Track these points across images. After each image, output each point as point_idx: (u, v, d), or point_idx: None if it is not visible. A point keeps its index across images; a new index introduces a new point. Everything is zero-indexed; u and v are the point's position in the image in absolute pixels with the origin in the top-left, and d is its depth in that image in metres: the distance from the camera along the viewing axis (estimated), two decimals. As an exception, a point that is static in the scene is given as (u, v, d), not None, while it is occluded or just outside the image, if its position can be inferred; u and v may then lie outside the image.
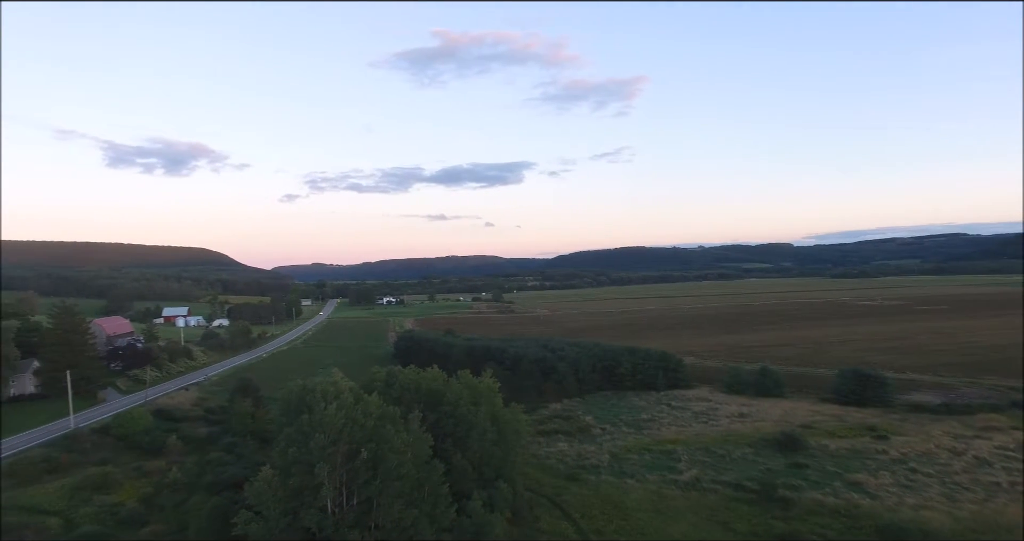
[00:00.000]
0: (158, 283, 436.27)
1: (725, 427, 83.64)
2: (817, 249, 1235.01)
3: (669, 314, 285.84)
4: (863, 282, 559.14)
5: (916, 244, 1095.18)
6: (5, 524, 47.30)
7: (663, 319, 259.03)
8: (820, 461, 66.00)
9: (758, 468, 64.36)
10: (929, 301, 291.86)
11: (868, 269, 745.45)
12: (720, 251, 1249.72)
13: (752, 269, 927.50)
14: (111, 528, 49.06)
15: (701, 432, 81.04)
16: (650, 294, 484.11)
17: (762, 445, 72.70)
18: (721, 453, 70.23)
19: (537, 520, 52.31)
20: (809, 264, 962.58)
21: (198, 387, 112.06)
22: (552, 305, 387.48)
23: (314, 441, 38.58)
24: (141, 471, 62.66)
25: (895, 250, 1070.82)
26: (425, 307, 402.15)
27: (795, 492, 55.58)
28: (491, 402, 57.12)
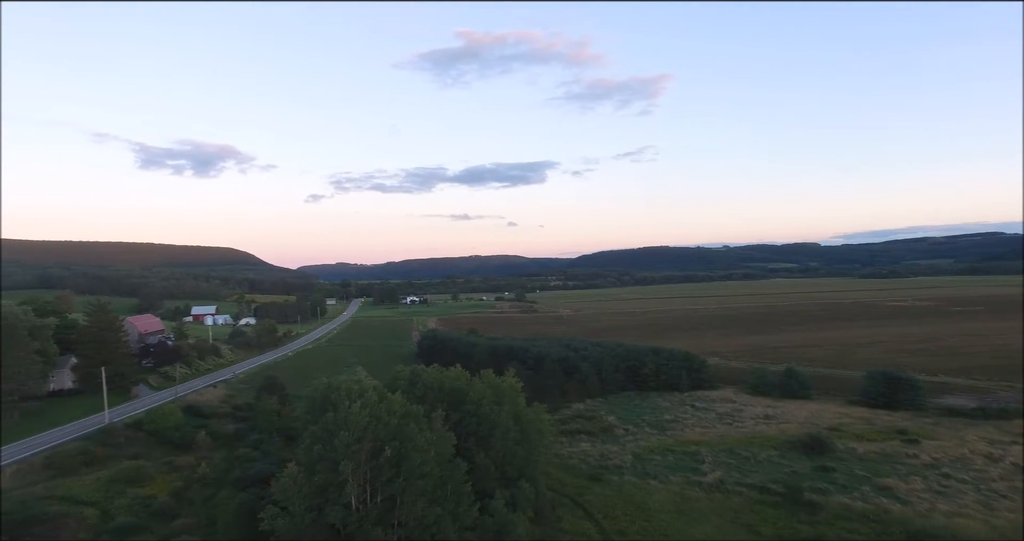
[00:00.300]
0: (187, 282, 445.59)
1: (750, 429, 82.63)
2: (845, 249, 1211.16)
3: (693, 314, 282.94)
4: (893, 282, 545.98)
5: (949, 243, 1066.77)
6: (47, 513, 48.94)
7: (687, 319, 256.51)
8: (848, 465, 64.81)
9: (783, 471, 63.46)
10: (963, 302, 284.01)
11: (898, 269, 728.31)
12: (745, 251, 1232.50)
13: (778, 269, 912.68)
14: (144, 520, 50.50)
15: (725, 433, 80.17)
16: (674, 294, 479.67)
17: (787, 447, 71.68)
18: (746, 455, 69.39)
19: (559, 520, 52.30)
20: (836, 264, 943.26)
21: (226, 384, 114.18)
22: (575, 305, 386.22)
23: (339, 439, 39.11)
24: (172, 466, 64.28)
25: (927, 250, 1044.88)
26: (448, 306, 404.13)
27: (822, 496, 54.71)
28: (514, 401, 57.28)
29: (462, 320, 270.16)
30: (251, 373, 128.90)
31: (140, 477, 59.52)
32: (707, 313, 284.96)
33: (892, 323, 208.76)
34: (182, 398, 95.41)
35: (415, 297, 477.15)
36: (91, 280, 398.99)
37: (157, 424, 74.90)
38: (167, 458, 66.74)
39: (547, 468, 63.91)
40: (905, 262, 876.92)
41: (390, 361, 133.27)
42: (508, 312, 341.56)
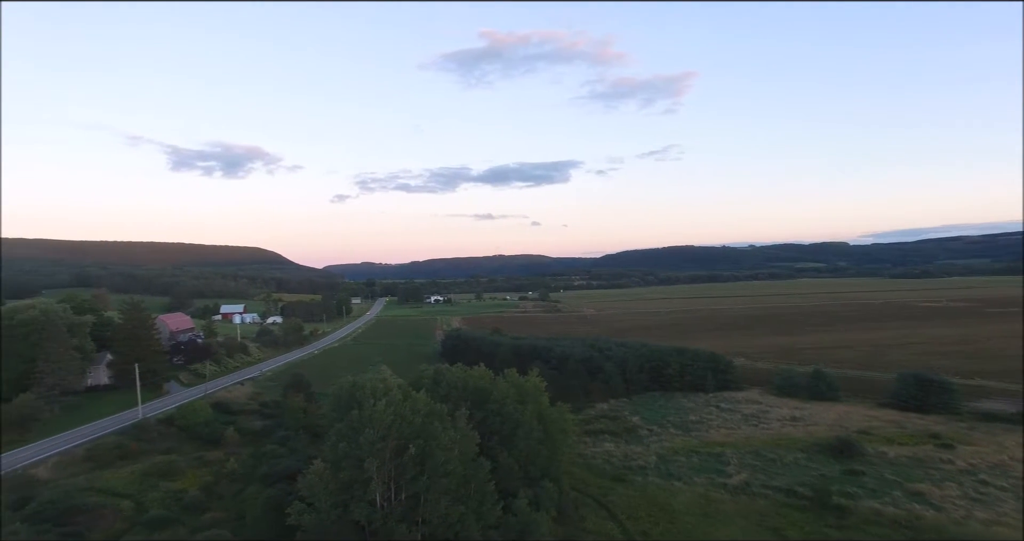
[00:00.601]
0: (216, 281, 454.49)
1: (776, 430, 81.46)
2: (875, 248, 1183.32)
3: (718, 314, 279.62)
4: (926, 282, 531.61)
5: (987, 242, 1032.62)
6: (87, 504, 50.64)
7: (712, 319, 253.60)
8: (878, 469, 63.53)
9: (811, 474, 62.45)
10: (1000, 303, 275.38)
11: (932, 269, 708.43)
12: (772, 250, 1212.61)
13: (805, 269, 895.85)
14: (176, 513, 51.91)
15: (751, 435, 79.18)
16: (699, 294, 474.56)
17: (815, 450, 70.52)
18: (772, 457, 68.45)
19: (583, 520, 52.25)
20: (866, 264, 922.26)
21: (253, 382, 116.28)
22: (599, 304, 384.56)
23: (364, 436, 39.63)
24: (202, 461, 65.90)
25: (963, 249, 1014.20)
26: (472, 306, 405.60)
27: (851, 500, 53.78)
28: (537, 401, 57.38)
29: (486, 319, 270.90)
30: (278, 371, 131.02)
31: (172, 471, 61.25)
32: (733, 313, 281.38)
33: (925, 324, 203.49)
34: (211, 395, 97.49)
35: (439, 296, 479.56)
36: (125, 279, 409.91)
37: (188, 420, 76.74)
38: (197, 453, 68.43)
39: (570, 468, 63.91)
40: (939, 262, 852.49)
41: (414, 360, 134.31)
42: (532, 312, 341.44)
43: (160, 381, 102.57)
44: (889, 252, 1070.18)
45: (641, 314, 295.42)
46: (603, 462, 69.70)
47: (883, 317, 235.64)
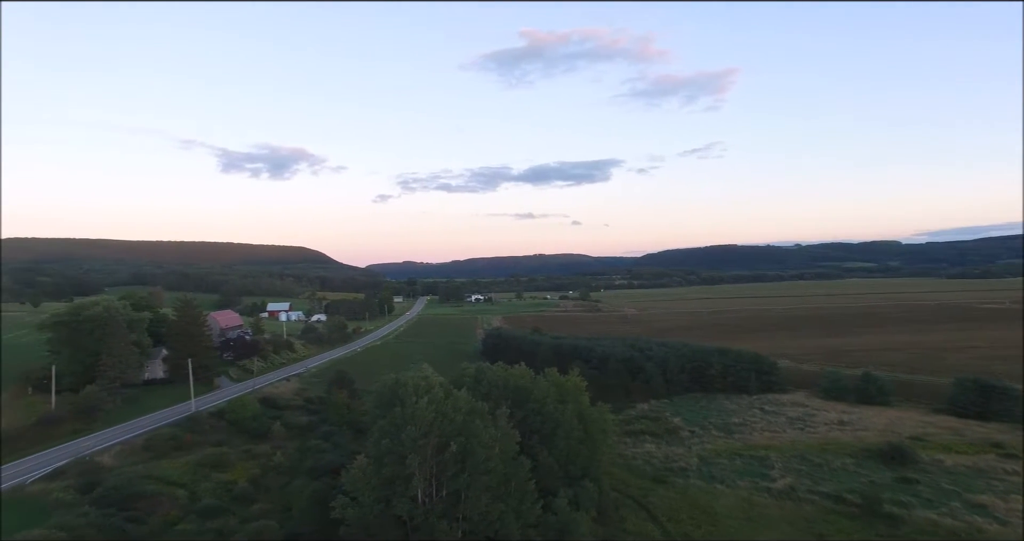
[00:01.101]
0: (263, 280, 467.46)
1: (823, 435, 79.25)
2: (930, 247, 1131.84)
3: (762, 315, 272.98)
4: (986, 283, 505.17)
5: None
6: (146, 491, 53.24)
7: (756, 320, 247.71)
8: (934, 477, 61.12)
9: (860, 480, 60.61)
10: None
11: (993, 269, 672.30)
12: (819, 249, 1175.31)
13: (854, 268, 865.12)
14: (226, 503, 53.99)
15: (796, 439, 77.28)
16: (742, 294, 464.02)
17: (865, 456, 68.35)
18: (818, 462, 66.70)
19: (623, 521, 52.04)
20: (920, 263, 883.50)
21: (299, 378, 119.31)
22: (640, 304, 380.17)
23: (406, 433, 40.39)
24: (250, 454, 68.14)
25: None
26: (512, 305, 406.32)
27: (904, 509, 51.93)
28: (578, 400, 57.40)
29: (526, 319, 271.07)
30: (322, 368, 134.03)
31: (222, 463, 63.60)
32: (777, 314, 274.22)
33: (986, 327, 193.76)
34: (259, 390, 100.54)
35: (479, 295, 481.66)
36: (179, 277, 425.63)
37: (237, 414, 79.48)
38: (246, 446, 70.79)
39: (610, 468, 63.69)
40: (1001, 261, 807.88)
41: (455, 358, 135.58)
42: (572, 311, 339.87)
43: (211, 376, 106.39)
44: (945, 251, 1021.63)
45: (683, 314, 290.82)
46: (643, 463, 69.20)
47: (938, 319, 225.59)
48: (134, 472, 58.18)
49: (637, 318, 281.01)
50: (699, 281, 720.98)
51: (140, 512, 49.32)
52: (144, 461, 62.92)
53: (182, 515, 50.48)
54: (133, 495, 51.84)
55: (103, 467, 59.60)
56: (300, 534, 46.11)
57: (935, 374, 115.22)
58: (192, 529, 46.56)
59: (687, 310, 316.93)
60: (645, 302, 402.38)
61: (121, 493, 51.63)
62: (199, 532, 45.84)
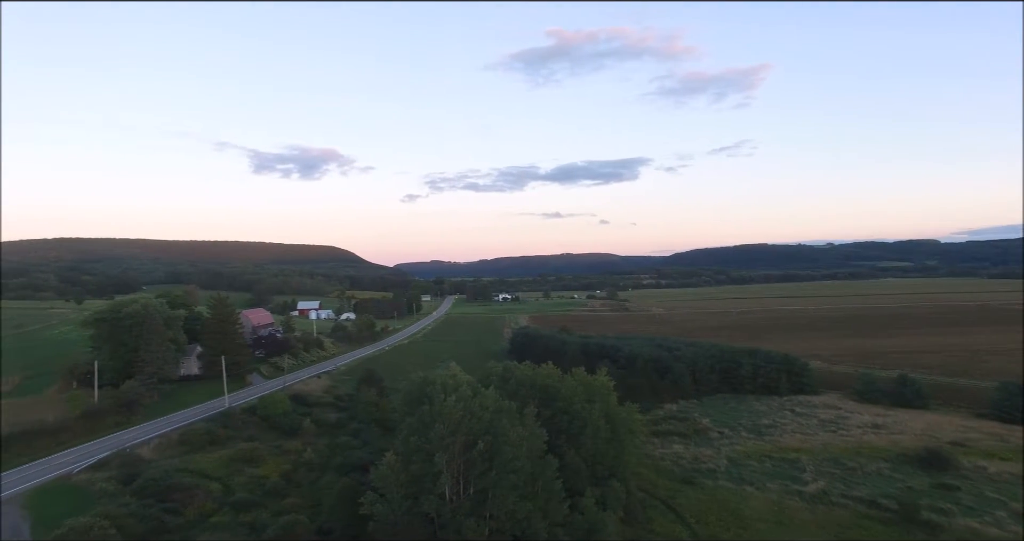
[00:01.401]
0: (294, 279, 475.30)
1: (856, 438, 77.54)
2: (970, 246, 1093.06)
3: (793, 315, 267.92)
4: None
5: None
6: (183, 483, 54.81)
7: (786, 320, 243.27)
8: (976, 485, 59.33)
9: (896, 485, 59.16)
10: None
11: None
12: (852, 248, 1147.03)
13: (889, 268, 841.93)
14: (259, 497, 55.26)
15: (828, 442, 75.77)
16: (772, 294, 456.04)
17: (901, 461, 66.73)
18: (852, 466, 65.32)
19: (650, 522, 51.71)
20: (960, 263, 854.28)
21: (328, 376, 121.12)
22: (668, 304, 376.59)
23: (434, 431, 40.76)
24: (281, 449, 69.54)
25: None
26: (540, 304, 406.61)
27: (943, 517, 50.48)
28: (605, 400, 57.18)
29: (554, 318, 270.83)
30: (351, 365, 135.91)
31: (255, 458, 65.03)
32: (808, 314, 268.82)
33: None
34: (290, 387, 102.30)
35: (507, 294, 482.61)
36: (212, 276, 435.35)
37: (268, 410, 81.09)
38: (277, 442, 72.25)
39: (638, 468, 63.28)
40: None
41: (483, 357, 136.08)
42: (600, 310, 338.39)
43: (244, 373, 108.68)
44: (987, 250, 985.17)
45: (711, 314, 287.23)
46: (671, 464, 68.59)
47: (979, 321, 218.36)
48: (171, 465, 59.96)
49: (665, 318, 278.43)
50: (728, 281, 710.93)
51: (177, 503, 50.82)
52: (180, 454, 64.78)
53: (217, 508, 51.89)
54: (170, 487, 53.44)
55: (142, 459, 61.53)
56: (330, 529, 46.93)
57: (975, 378, 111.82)
58: (226, 521, 47.79)
59: (716, 310, 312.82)
60: (673, 302, 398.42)
61: (159, 485, 53.31)
62: (233, 525, 47.00)
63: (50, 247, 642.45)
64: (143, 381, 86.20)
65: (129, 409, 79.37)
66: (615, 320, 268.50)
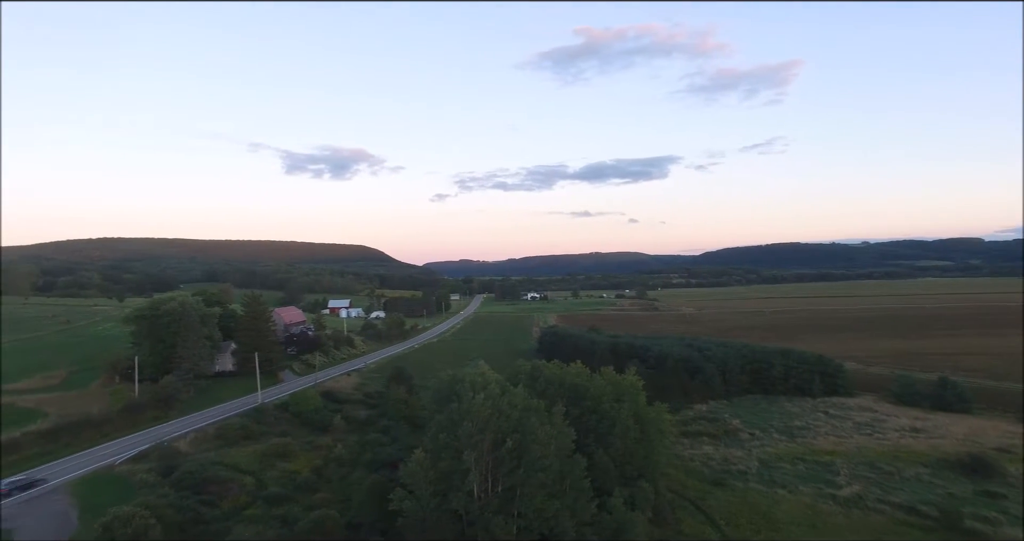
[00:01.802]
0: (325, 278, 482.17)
1: (894, 442, 75.53)
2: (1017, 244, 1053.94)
3: (827, 315, 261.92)
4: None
5: None
6: (218, 476, 56.36)
7: (820, 320, 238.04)
8: (1021, 492, 57.19)
9: (936, 492, 57.46)
10: None
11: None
12: (889, 247, 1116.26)
13: (929, 267, 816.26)
14: (290, 491, 56.44)
15: (864, 445, 74.01)
16: (805, 293, 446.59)
17: (941, 466, 64.75)
18: (889, 470, 63.67)
19: (679, 523, 51.23)
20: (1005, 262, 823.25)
21: (358, 373, 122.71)
22: (698, 303, 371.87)
23: (462, 429, 41.03)
24: (312, 445, 70.79)
25: None
26: (569, 303, 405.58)
27: (988, 525, 48.86)
28: (634, 400, 56.77)
29: (582, 317, 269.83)
30: (381, 363, 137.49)
31: (287, 453, 66.38)
32: (843, 314, 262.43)
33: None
34: (321, 384, 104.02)
35: (536, 294, 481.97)
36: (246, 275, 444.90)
37: (300, 407, 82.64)
38: (308, 438, 73.55)
39: (667, 469, 62.72)
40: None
41: (511, 356, 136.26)
42: (629, 310, 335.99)
43: (276, 369, 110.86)
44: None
45: (743, 314, 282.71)
46: (701, 465, 67.81)
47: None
48: (207, 458, 61.56)
49: (695, 317, 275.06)
50: (760, 280, 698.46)
51: (213, 496, 52.28)
52: (215, 448, 66.43)
53: (250, 501, 53.16)
54: (206, 479, 54.97)
55: (180, 452, 63.34)
56: (359, 524, 47.62)
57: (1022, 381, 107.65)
58: (259, 514, 48.89)
59: (747, 309, 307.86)
60: (703, 301, 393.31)
61: (196, 477, 54.87)
62: (266, 518, 48.04)
63: (94, 247, 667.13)
64: (180, 376, 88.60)
65: (167, 404, 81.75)
66: (644, 319, 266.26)
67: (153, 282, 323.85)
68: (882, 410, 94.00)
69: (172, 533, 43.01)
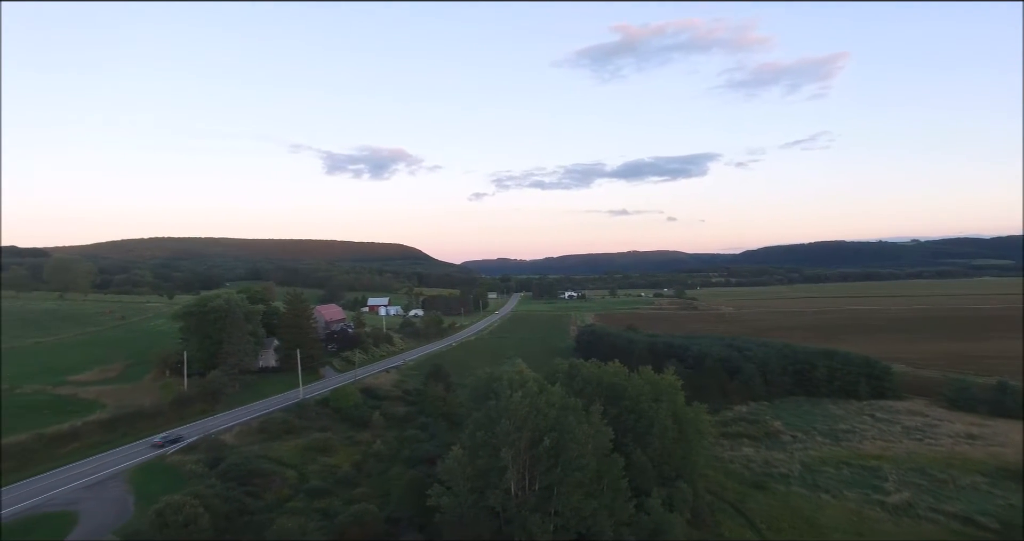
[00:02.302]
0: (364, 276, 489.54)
1: (947, 448, 72.52)
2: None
3: (874, 315, 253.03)
4: None
5: None
6: (262, 469, 58.08)
7: (866, 320, 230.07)
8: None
9: (996, 502, 54.93)
10: None
11: None
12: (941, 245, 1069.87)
13: (985, 266, 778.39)
14: (331, 485, 57.76)
15: (914, 450, 71.35)
16: (851, 293, 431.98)
17: (1001, 475, 61.86)
18: (942, 478, 61.21)
19: (718, 525, 50.41)
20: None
21: (397, 370, 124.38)
22: (738, 302, 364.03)
23: (500, 426, 41.24)
24: (352, 440, 72.21)
25: None
26: (606, 302, 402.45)
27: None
28: (673, 399, 56.14)
29: (620, 316, 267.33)
30: (419, 361, 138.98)
31: (327, 448, 67.90)
32: (891, 315, 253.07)
33: None
34: (360, 381, 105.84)
35: (573, 292, 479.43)
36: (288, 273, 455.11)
37: (340, 402, 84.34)
38: (348, 433, 75.02)
39: (706, 470, 61.82)
40: None
41: (548, 354, 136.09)
42: (667, 309, 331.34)
43: (317, 366, 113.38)
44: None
45: (784, 313, 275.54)
46: (741, 467, 66.56)
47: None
48: (251, 451, 63.50)
49: (735, 317, 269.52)
50: (802, 279, 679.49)
51: (257, 488, 53.95)
52: (259, 442, 68.43)
53: (292, 494, 54.67)
54: (251, 472, 56.71)
55: (226, 445, 65.44)
56: (398, 519, 48.39)
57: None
58: (301, 507, 50.16)
59: (789, 309, 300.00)
60: (743, 300, 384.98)
61: (241, 469, 56.65)
62: (307, 510, 49.22)
63: (146, 246, 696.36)
64: (226, 371, 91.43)
65: (214, 397, 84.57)
66: (683, 319, 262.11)
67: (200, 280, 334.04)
68: (934, 415, 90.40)
69: (219, 522, 44.64)
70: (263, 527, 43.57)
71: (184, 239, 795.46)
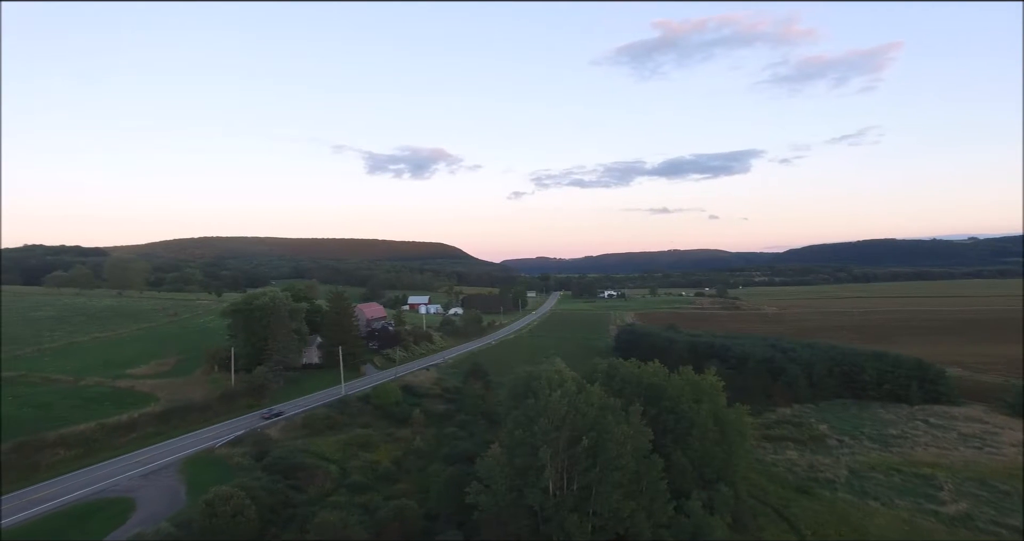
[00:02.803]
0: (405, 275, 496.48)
1: (1010, 458, 68.98)
2: None
3: (926, 316, 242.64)
4: None
5: None
6: (305, 463, 59.70)
7: (918, 322, 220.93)
8: None
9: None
10: None
11: None
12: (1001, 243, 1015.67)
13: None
14: (372, 480, 58.99)
15: (972, 459, 68.22)
16: (902, 293, 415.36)
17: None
18: (1004, 489, 58.39)
19: (760, 530, 49.31)
20: None
21: (437, 368, 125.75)
22: (782, 302, 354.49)
23: (538, 425, 41.33)
24: (392, 437, 73.43)
25: None
26: (646, 301, 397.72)
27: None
28: (714, 401, 55.17)
29: (660, 315, 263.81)
30: (459, 359, 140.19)
31: (368, 444, 69.31)
32: (946, 316, 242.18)
33: None
34: (401, 378, 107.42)
35: (612, 291, 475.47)
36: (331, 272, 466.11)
37: (381, 399, 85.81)
38: (389, 430, 76.33)
39: (748, 473, 60.46)
40: None
41: (587, 353, 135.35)
42: (709, 308, 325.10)
43: (359, 363, 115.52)
44: None
45: (830, 313, 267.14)
46: (785, 471, 64.98)
47: None
48: (295, 446, 65.37)
49: (779, 317, 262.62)
50: (850, 278, 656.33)
51: (300, 481, 55.52)
52: (303, 437, 70.36)
53: (334, 488, 56.08)
54: (295, 466, 58.38)
55: (271, 439, 67.56)
56: (437, 515, 48.97)
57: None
58: (343, 501, 51.31)
59: (835, 309, 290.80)
60: (787, 300, 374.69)
61: (285, 463, 58.39)
62: (349, 505, 50.32)
63: (196, 246, 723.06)
64: (271, 368, 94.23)
65: (259, 393, 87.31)
66: (725, 318, 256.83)
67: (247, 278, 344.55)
68: (994, 422, 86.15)
69: (264, 514, 46.15)
70: (306, 520, 44.75)
71: (231, 238, 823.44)
